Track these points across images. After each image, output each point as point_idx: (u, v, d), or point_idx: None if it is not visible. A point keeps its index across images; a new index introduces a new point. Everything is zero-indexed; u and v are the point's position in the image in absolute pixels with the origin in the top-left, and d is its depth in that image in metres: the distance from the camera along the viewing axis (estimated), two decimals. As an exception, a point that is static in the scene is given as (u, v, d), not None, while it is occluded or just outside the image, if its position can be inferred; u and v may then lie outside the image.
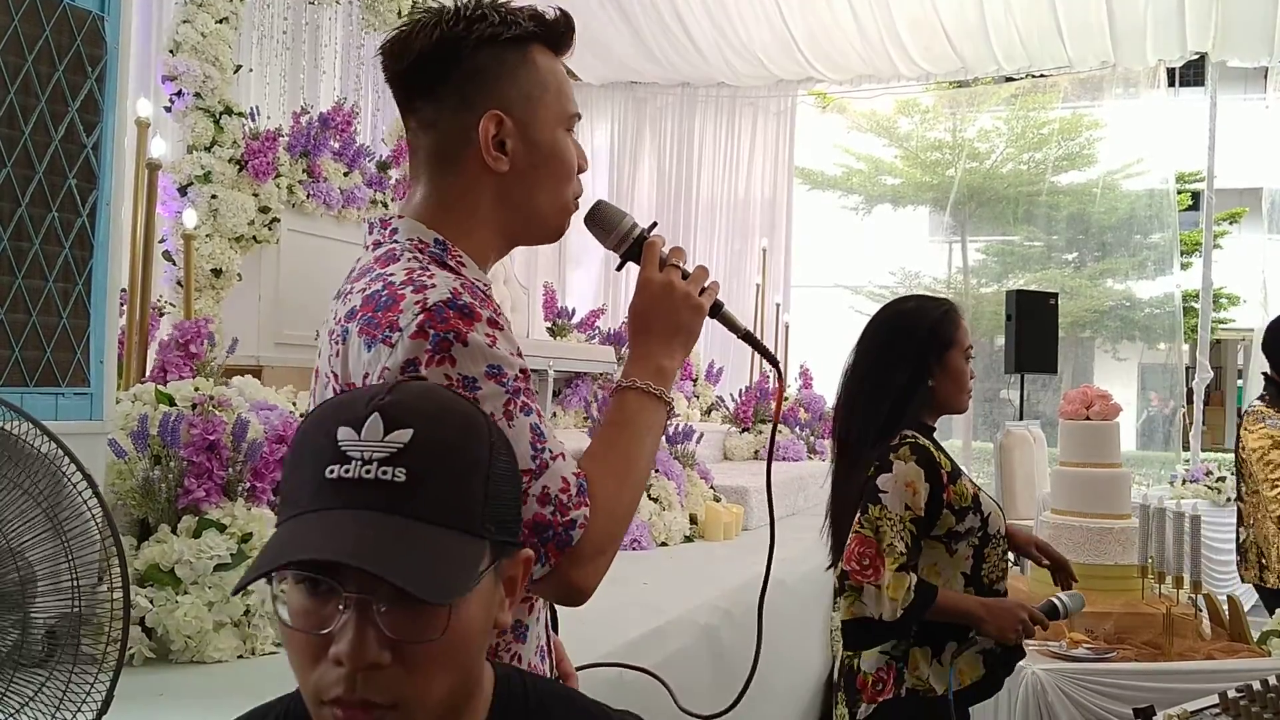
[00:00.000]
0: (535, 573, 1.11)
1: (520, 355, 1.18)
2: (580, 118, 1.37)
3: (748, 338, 1.51)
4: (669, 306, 1.33)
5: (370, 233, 1.30)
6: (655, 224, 1.44)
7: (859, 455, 2.39)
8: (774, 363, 1.53)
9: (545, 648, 1.32)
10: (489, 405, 1.10)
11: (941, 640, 2.30)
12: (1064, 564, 2.62)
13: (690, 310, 1.33)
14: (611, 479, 1.20)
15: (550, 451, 1.14)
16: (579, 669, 1.50)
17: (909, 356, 2.43)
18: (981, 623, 2.27)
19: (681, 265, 1.36)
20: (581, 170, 1.36)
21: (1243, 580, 4.34)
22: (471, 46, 1.24)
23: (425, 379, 1.08)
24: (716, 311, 1.40)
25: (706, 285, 1.37)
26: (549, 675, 1.32)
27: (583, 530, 1.13)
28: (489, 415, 1.06)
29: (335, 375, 1.17)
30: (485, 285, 1.26)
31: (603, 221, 1.39)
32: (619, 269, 1.45)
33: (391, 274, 1.17)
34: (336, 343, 1.18)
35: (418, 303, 1.12)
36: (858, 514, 2.28)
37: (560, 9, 1.32)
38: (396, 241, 1.24)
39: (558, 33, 1.31)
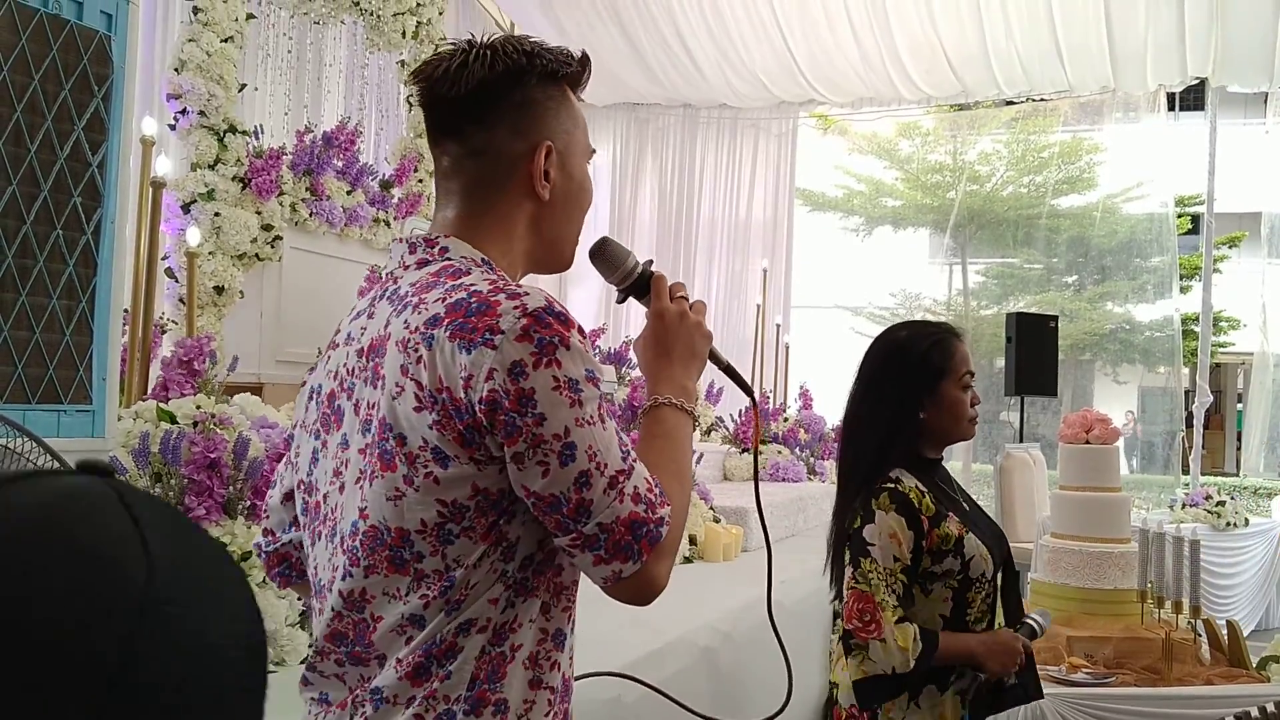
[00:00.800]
0: (626, 570, 1.16)
1: None
2: (595, 152, 1.43)
3: (728, 371, 1.61)
4: (685, 333, 1.41)
5: (412, 251, 1.30)
6: (651, 260, 1.52)
7: (851, 487, 2.36)
8: (750, 394, 1.60)
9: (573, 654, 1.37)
10: (590, 407, 1.16)
11: (918, 684, 2.24)
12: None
13: (702, 337, 1.43)
14: (674, 482, 1.26)
15: (632, 454, 1.20)
16: (578, 678, 1.51)
17: (897, 388, 2.38)
18: (982, 661, 2.24)
19: (685, 296, 1.45)
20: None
21: None
22: (535, 79, 1.30)
23: (530, 380, 1.12)
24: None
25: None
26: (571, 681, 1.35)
27: (668, 527, 1.18)
28: (590, 417, 1.15)
29: (420, 383, 1.16)
30: None
31: (609, 258, 1.46)
32: (620, 302, 1.53)
33: (473, 284, 1.19)
34: (415, 350, 1.17)
35: (517, 308, 1.15)
36: (850, 569, 2.24)
37: (583, 51, 1.38)
38: (450, 259, 1.27)
39: (580, 74, 1.37)
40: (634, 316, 11.12)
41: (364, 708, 1.20)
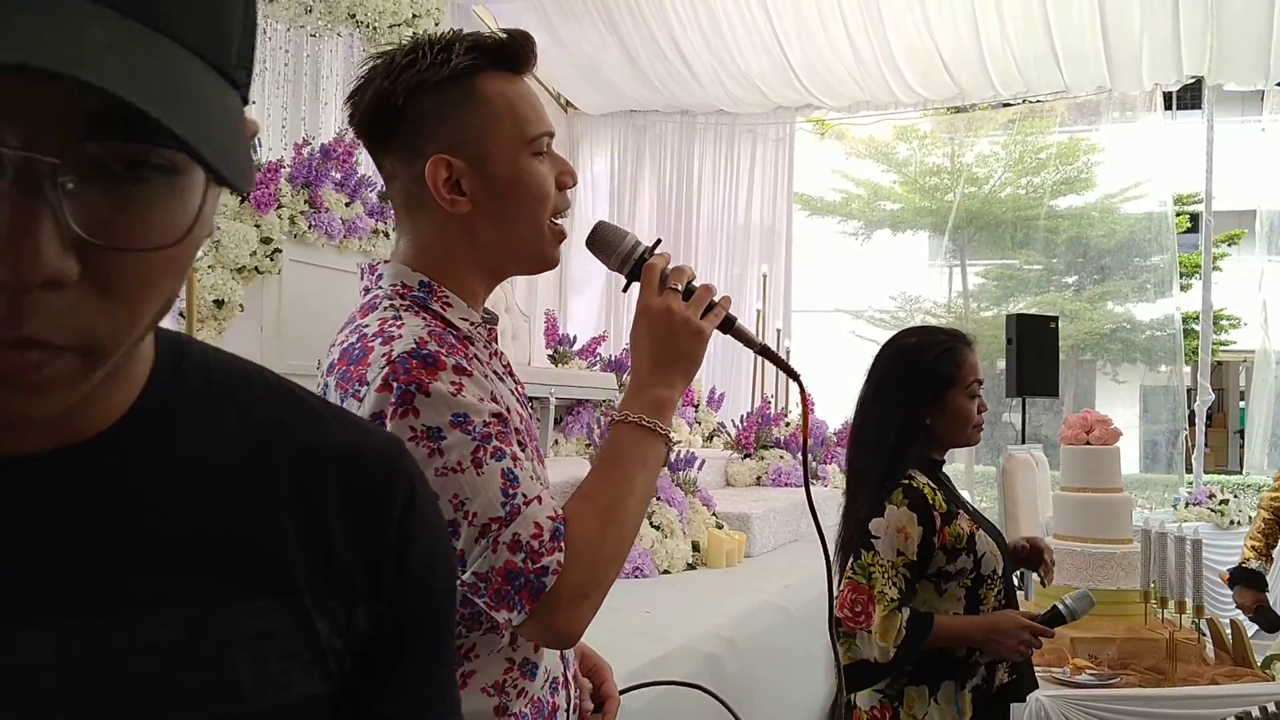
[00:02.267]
0: (514, 619, 1.11)
1: (494, 400, 1.17)
2: (551, 134, 1.31)
3: (764, 352, 1.47)
4: (666, 333, 1.27)
5: (362, 279, 1.31)
6: (659, 241, 1.42)
7: (862, 492, 2.38)
8: (792, 375, 1.44)
9: (563, 680, 1.31)
10: (455, 454, 1.10)
11: (937, 678, 2.27)
12: (1039, 549, 2.59)
13: (689, 335, 1.28)
14: (595, 519, 1.17)
15: (524, 496, 1.12)
16: (622, 691, 1.50)
17: (905, 396, 2.40)
18: (981, 644, 2.26)
19: (684, 285, 1.31)
20: (565, 186, 1.31)
21: None
22: (404, 96, 1.21)
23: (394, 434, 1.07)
24: (729, 326, 1.35)
25: (716, 301, 1.33)
26: (567, 711, 1.31)
27: (556, 576, 1.10)
28: (456, 464, 1.10)
29: None
30: (474, 324, 1.26)
31: (602, 243, 1.36)
32: (625, 290, 1.39)
33: (366, 325, 1.19)
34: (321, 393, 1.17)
35: (384, 355, 1.12)
36: (850, 559, 2.26)
37: (509, 30, 1.29)
38: (380, 288, 1.25)
39: (508, 54, 1.27)
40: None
41: None
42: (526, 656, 1.23)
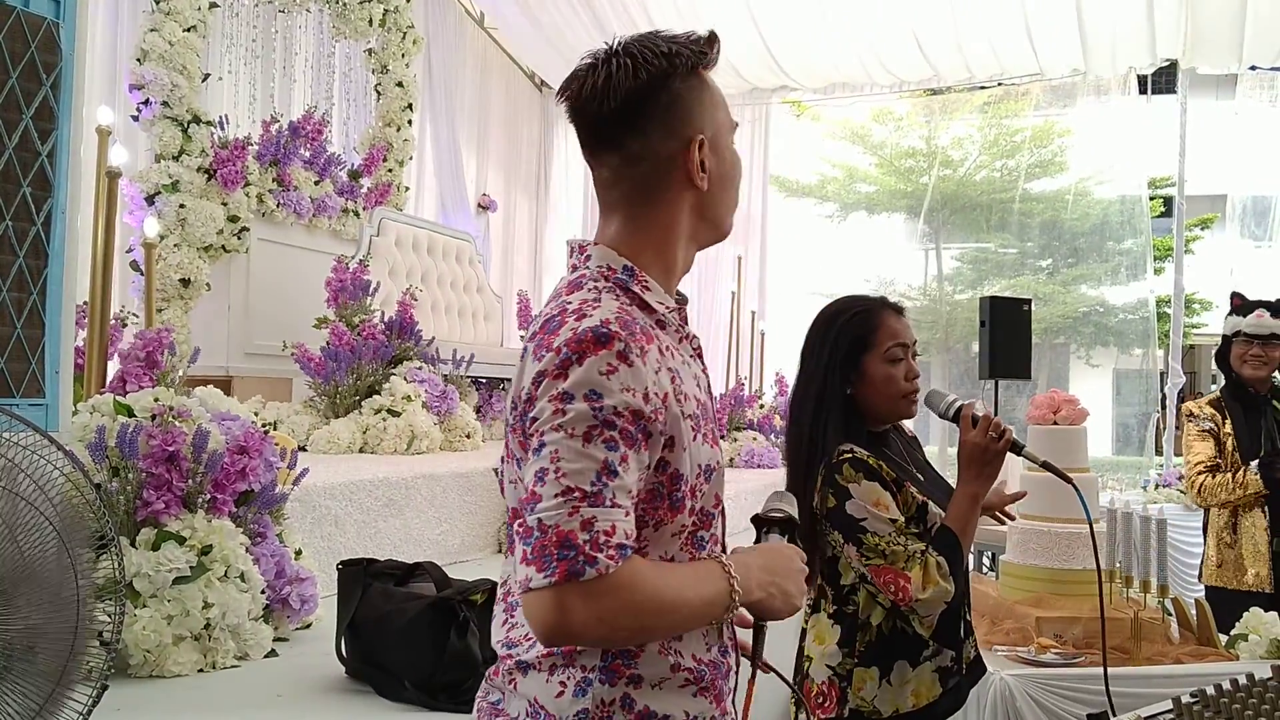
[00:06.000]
0: (534, 581, 1.14)
1: (671, 390, 1.25)
2: (738, 125, 1.47)
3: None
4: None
5: (570, 256, 1.42)
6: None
7: (799, 471, 2.30)
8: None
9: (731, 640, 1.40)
10: (573, 420, 1.17)
11: (890, 660, 2.22)
12: (1005, 501, 2.54)
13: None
14: (661, 585, 1.21)
15: (615, 494, 1.17)
16: None
17: (821, 363, 2.31)
18: (973, 495, 2.21)
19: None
20: None
21: None
22: (678, 77, 1.35)
23: (542, 388, 1.21)
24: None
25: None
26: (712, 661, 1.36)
27: (599, 577, 1.14)
28: (570, 429, 1.17)
29: (518, 388, 1.28)
30: (669, 309, 1.37)
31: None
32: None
33: (570, 301, 1.28)
34: (522, 359, 1.30)
35: (572, 329, 1.22)
36: (851, 549, 2.18)
37: (711, 31, 1.40)
38: (587, 269, 1.36)
39: (715, 53, 1.40)
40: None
41: (513, 675, 1.29)
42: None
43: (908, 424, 2.55)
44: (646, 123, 1.34)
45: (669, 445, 1.25)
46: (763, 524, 1.47)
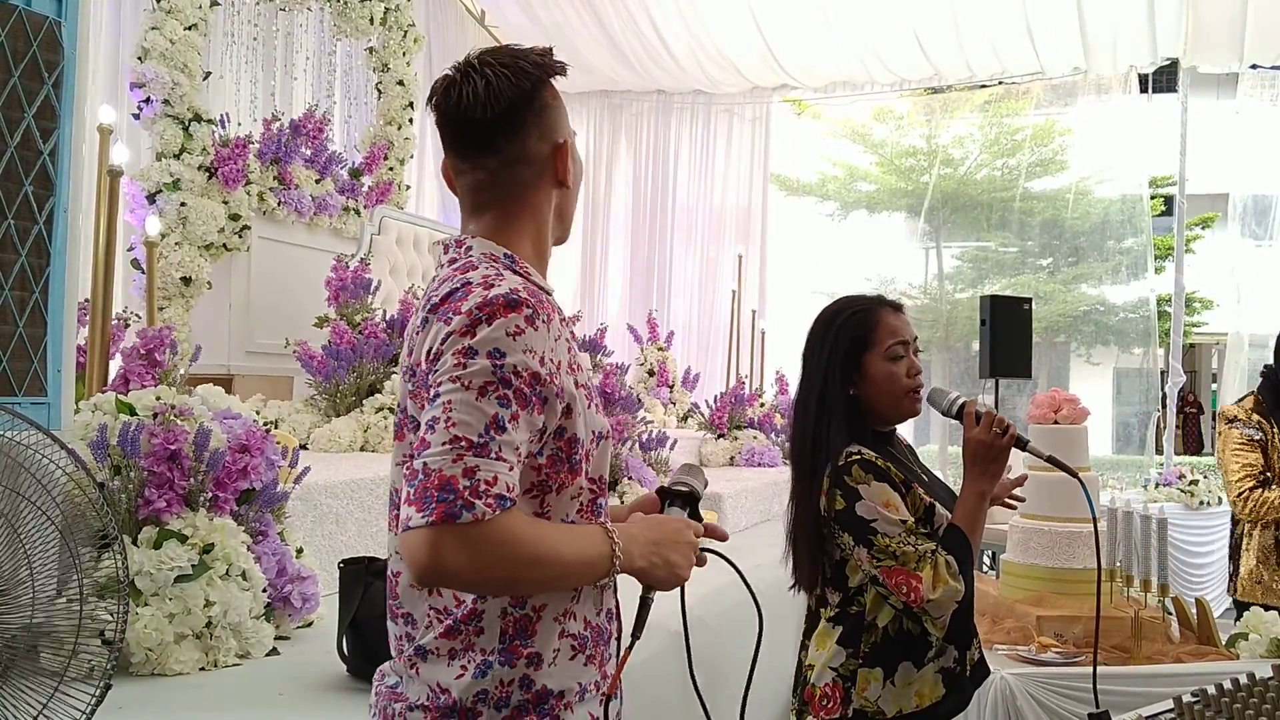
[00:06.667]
0: (413, 520, 1.19)
1: (547, 364, 1.30)
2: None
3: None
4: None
5: (446, 252, 1.49)
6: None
7: (804, 473, 2.30)
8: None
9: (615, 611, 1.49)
10: (471, 374, 1.24)
11: (894, 661, 2.21)
12: (1007, 489, 2.54)
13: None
14: (539, 541, 1.26)
15: (501, 448, 1.23)
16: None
17: (822, 367, 2.30)
18: (985, 483, 2.21)
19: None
20: None
21: None
22: (546, 88, 1.46)
23: (449, 344, 1.27)
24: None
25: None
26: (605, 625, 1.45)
27: (474, 523, 1.18)
28: (467, 382, 1.23)
29: (416, 357, 1.35)
30: (548, 291, 1.45)
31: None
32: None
33: (470, 277, 1.35)
34: (416, 334, 1.38)
35: (482, 294, 1.29)
36: (862, 551, 2.17)
37: (548, 49, 1.50)
38: (472, 255, 1.43)
39: (554, 65, 1.50)
40: (611, 302, 11.10)
41: (414, 661, 1.35)
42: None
43: (907, 428, 2.55)
44: (524, 128, 1.44)
45: (567, 412, 1.33)
46: (666, 496, 1.55)
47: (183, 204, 5.18)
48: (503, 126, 1.43)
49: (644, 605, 1.41)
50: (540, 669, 1.33)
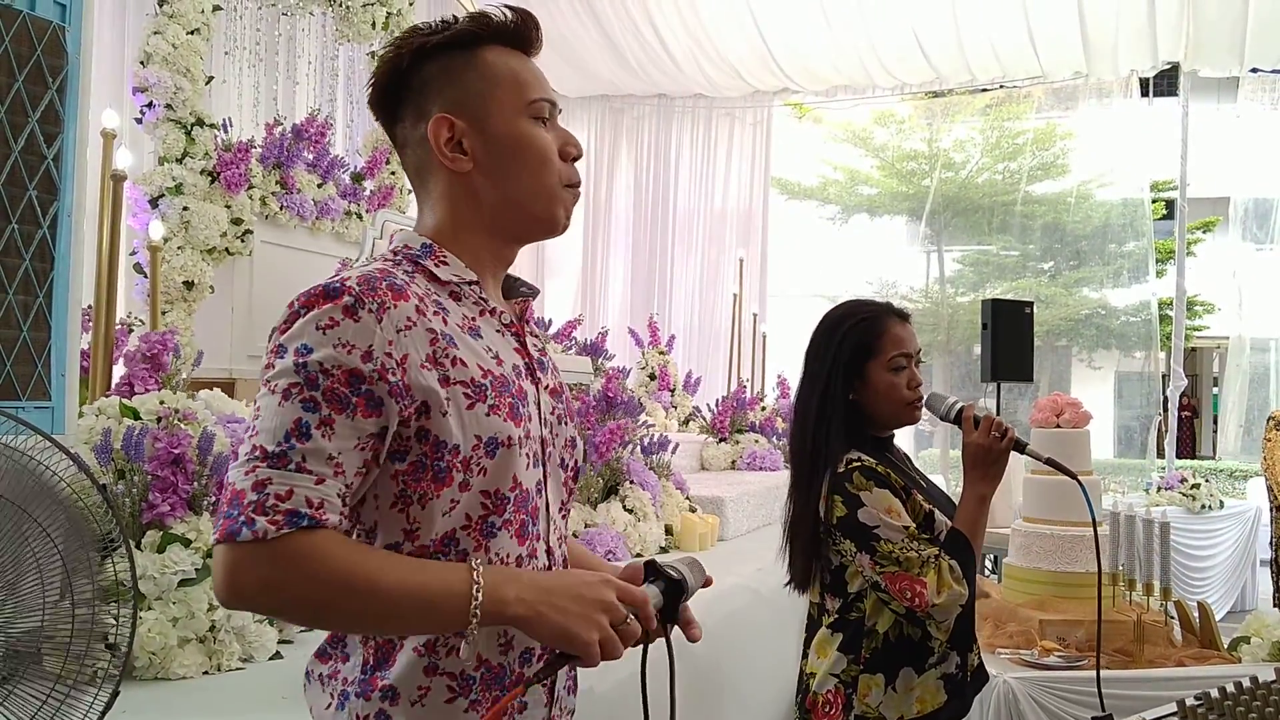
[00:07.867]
0: (211, 537, 1.15)
1: (376, 357, 1.14)
2: (553, 103, 1.35)
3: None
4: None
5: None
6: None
7: (803, 475, 2.31)
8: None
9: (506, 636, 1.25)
10: (277, 375, 1.13)
11: (895, 667, 2.21)
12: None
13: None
14: (353, 564, 1.10)
15: (306, 460, 1.10)
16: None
17: (824, 368, 2.31)
18: (986, 486, 2.21)
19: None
20: (569, 157, 1.35)
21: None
22: (409, 63, 1.29)
23: (271, 341, 1.17)
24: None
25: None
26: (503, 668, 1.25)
27: (254, 542, 1.06)
28: (272, 385, 1.13)
29: None
30: (466, 282, 1.29)
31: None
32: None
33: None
34: None
35: (310, 288, 1.18)
36: (864, 558, 2.17)
37: (515, 8, 1.33)
38: (388, 251, 1.32)
39: (510, 31, 1.33)
40: (612, 306, 11.10)
41: (305, 681, 1.27)
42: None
43: (906, 433, 2.56)
44: (399, 107, 1.32)
45: (424, 411, 1.16)
46: (651, 572, 1.28)
47: (185, 208, 5.19)
48: (383, 109, 1.34)
49: (552, 664, 1.14)
50: (397, 705, 1.17)
